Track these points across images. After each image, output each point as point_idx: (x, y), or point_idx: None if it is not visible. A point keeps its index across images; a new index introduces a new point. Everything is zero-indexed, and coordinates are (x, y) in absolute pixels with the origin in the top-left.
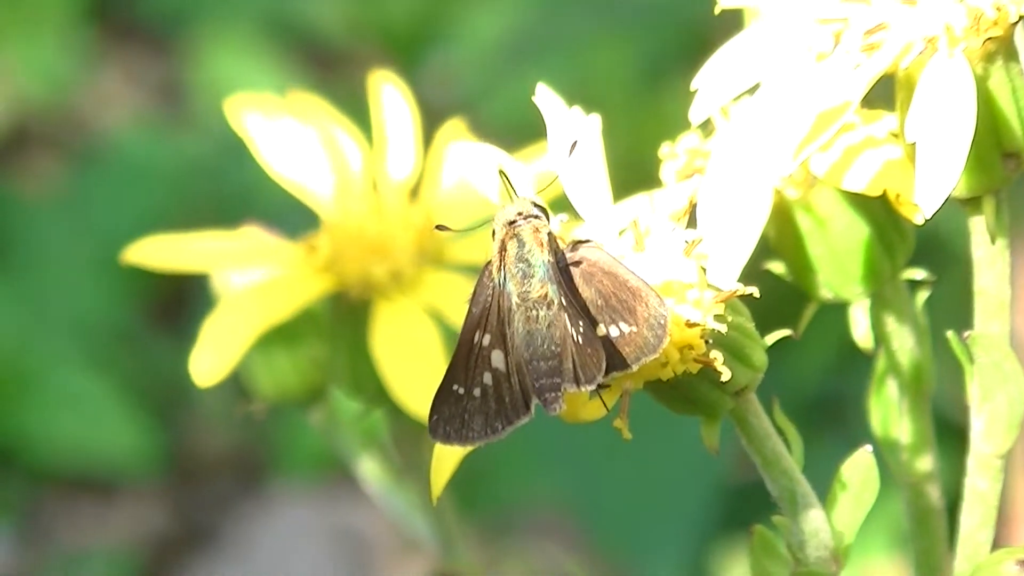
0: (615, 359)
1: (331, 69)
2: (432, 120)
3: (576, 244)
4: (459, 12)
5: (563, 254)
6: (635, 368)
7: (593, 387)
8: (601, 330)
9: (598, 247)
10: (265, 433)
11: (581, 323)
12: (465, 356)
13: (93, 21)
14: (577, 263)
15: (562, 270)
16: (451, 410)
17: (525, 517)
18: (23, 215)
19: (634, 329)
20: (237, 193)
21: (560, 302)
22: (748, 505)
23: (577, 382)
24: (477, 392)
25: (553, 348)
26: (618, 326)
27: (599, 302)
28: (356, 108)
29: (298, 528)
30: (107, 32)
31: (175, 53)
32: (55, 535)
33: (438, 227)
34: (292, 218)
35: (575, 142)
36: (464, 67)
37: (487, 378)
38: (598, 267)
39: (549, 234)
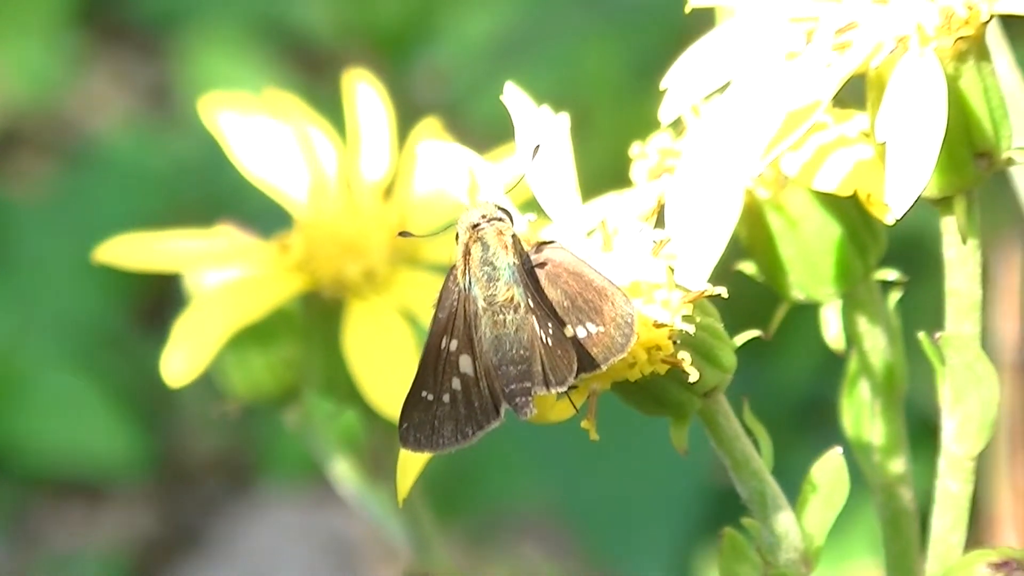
0: (584, 360)
1: (320, 70)
2: (417, 121)
3: (541, 245)
4: (448, 12)
5: (528, 256)
6: (604, 368)
7: (564, 389)
8: (568, 331)
9: (563, 248)
10: (252, 435)
11: (550, 324)
12: (433, 362)
13: (81, 23)
14: (542, 264)
15: (528, 272)
16: (421, 416)
17: (510, 519)
18: (11, 217)
19: (601, 329)
20: (228, 195)
21: (528, 304)
22: (733, 507)
23: (547, 384)
24: (446, 398)
25: (522, 352)
26: (585, 327)
27: (565, 303)
28: (338, 108)
29: (285, 531)
30: (96, 34)
31: (164, 55)
32: (43, 538)
33: (402, 234)
34: (280, 219)
35: (541, 142)
36: (453, 67)
37: (456, 383)
38: (563, 268)
39: (514, 236)
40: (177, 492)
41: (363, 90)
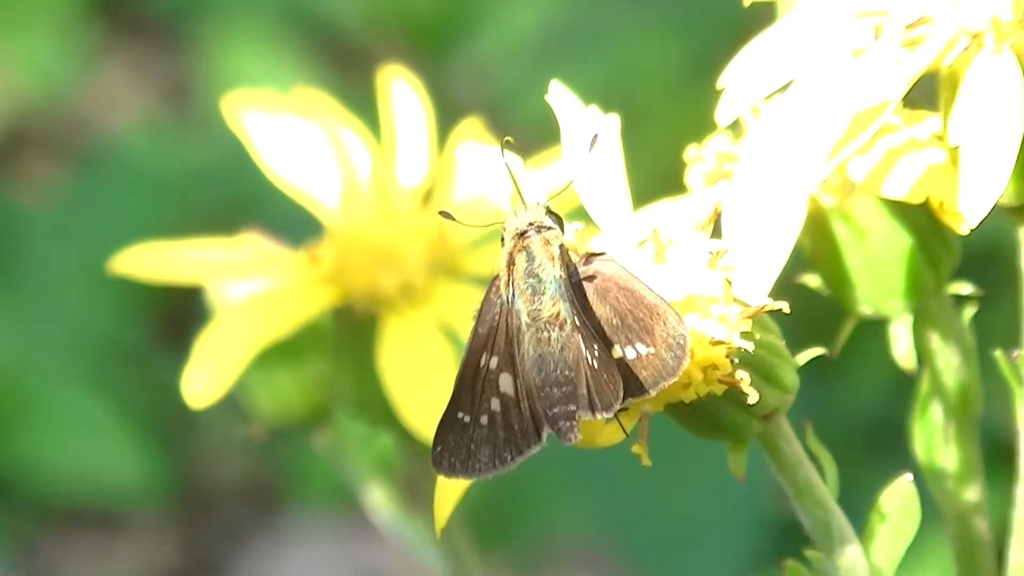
0: (632, 383)
1: (352, 66)
2: (458, 121)
3: (589, 257)
4: (490, 3)
5: (576, 268)
6: (653, 393)
7: (610, 415)
8: (617, 351)
9: (613, 260)
10: (278, 460)
11: (596, 346)
12: (471, 380)
13: (95, 15)
14: (591, 277)
15: (575, 286)
16: (456, 440)
17: (556, 549)
18: (20, 224)
19: (652, 351)
20: (252, 201)
21: (573, 323)
22: (795, 538)
23: (592, 409)
24: (484, 420)
25: (567, 373)
26: (635, 347)
27: (615, 321)
28: (373, 107)
29: (315, 563)
30: (110, 27)
31: (184, 50)
32: (54, 570)
33: (441, 213)
34: (309, 227)
35: (589, 145)
36: (495, 64)
37: (495, 404)
38: (613, 282)
39: (561, 247)
40: (198, 521)
41: (399, 87)
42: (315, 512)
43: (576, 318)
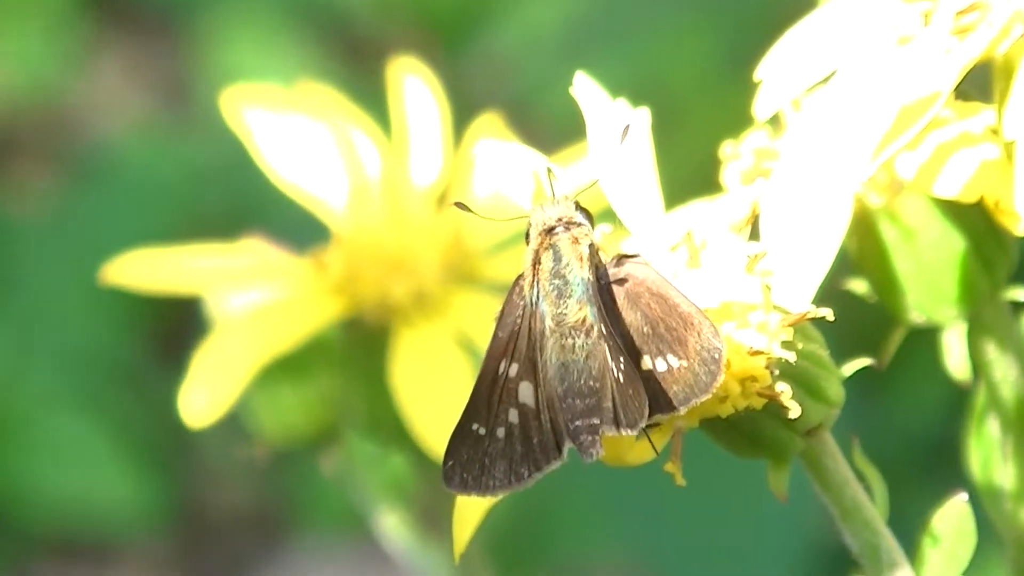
0: (661, 399)
1: (362, 59)
2: (477, 118)
3: (621, 259)
4: None
5: (606, 271)
6: (683, 411)
7: (635, 432)
8: (646, 363)
9: (647, 264)
10: (284, 484)
11: (622, 358)
12: (488, 389)
13: (86, 10)
14: (622, 281)
15: (604, 289)
16: (469, 454)
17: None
18: (9, 235)
19: (684, 364)
20: (256, 206)
21: (600, 329)
22: (842, 563)
23: (617, 425)
24: (501, 432)
25: (591, 384)
26: (666, 359)
27: (645, 329)
28: (385, 102)
29: None
30: (103, 23)
31: (181, 45)
32: None
33: (457, 204)
34: (316, 233)
35: (618, 141)
36: (516, 57)
37: (513, 416)
38: (645, 287)
39: (591, 246)
40: (199, 550)
41: (412, 82)
42: (323, 539)
43: (603, 325)
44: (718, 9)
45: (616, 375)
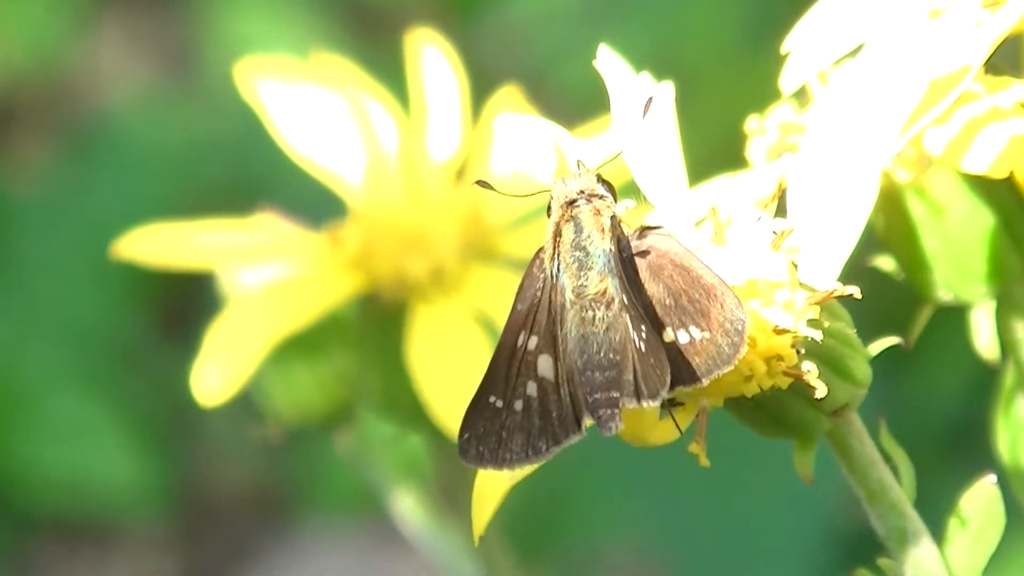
0: (683, 370)
1: (372, 29)
2: (491, 90)
3: (644, 230)
4: None
5: (628, 243)
6: (706, 382)
7: (656, 403)
8: (668, 335)
9: (670, 235)
10: (290, 465)
11: (644, 327)
12: (506, 362)
13: None
14: (644, 253)
15: (626, 261)
16: (486, 426)
17: (603, 560)
18: (8, 209)
19: (707, 335)
20: (262, 179)
21: (622, 300)
22: (867, 546)
23: (638, 396)
24: (518, 405)
25: (612, 356)
26: (688, 331)
27: (668, 301)
28: (400, 75)
29: None
30: None
31: (185, 13)
32: None
33: (478, 183)
34: (326, 207)
35: (642, 115)
36: (530, 27)
37: (531, 388)
38: (668, 259)
39: (613, 218)
40: (202, 533)
41: (430, 54)
42: (331, 522)
43: (624, 296)
44: None
45: (638, 344)
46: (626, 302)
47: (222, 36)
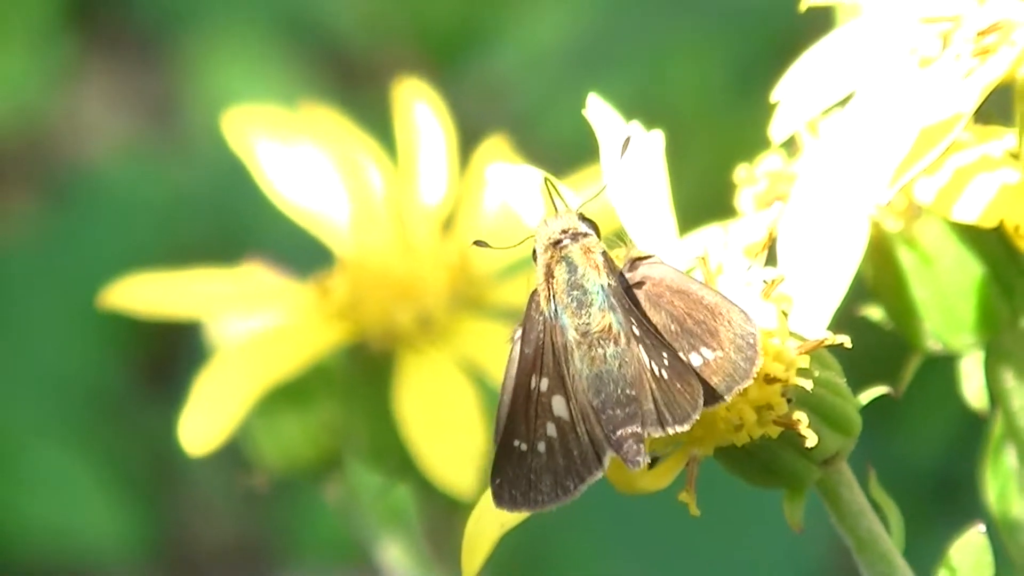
0: (704, 392)
1: (356, 80)
2: (478, 140)
3: (635, 261)
4: (510, 11)
5: (622, 275)
6: (728, 399)
7: (687, 427)
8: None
9: (661, 263)
10: (275, 515)
11: (665, 354)
12: (523, 405)
13: (71, 28)
14: (639, 284)
15: (626, 293)
16: (515, 471)
17: None
18: None
19: (720, 354)
20: (244, 230)
21: (632, 333)
22: None
23: (663, 424)
24: (542, 447)
25: (628, 392)
26: (700, 353)
27: (673, 327)
28: (385, 124)
29: None
30: (87, 41)
31: (167, 65)
32: None
33: (476, 243)
34: (310, 258)
35: (631, 164)
36: (517, 76)
37: (551, 429)
38: (665, 286)
39: (604, 253)
40: None
41: (418, 104)
42: (314, 573)
43: (635, 327)
44: (723, 30)
45: (659, 373)
46: (637, 333)
47: (204, 88)
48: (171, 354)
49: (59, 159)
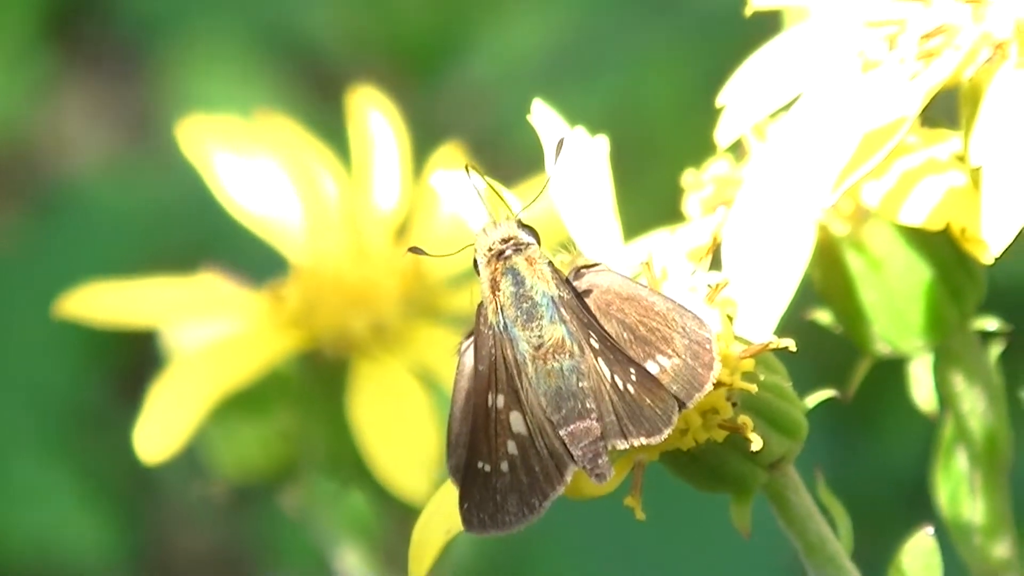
0: None
1: (334, 91)
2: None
3: (580, 270)
4: (485, 22)
5: (570, 285)
6: (691, 405)
7: (661, 439)
8: None
9: (607, 270)
10: (252, 525)
11: (633, 369)
12: (484, 424)
13: (51, 41)
14: (587, 292)
15: (576, 304)
16: (481, 493)
17: None
18: None
19: (676, 360)
20: (224, 240)
21: (590, 346)
22: None
23: (626, 436)
24: (504, 466)
25: (588, 405)
26: (656, 361)
27: (625, 336)
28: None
29: None
30: (68, 54)
31: (146, 79)
32: None
33: (412, 249)
34: (278, 265)
35: (576, 168)
36: (493, 86)
37: (511, 447)
38: (614, 293)
39: (550, 263)
40: None
41: (372, 112)
42: None
43: (595, 340)
44: (696, 40)
45: (622, 386)
46: (596, 347)
47: (181, 103)
48: (150, 365)
49: (40, 171)
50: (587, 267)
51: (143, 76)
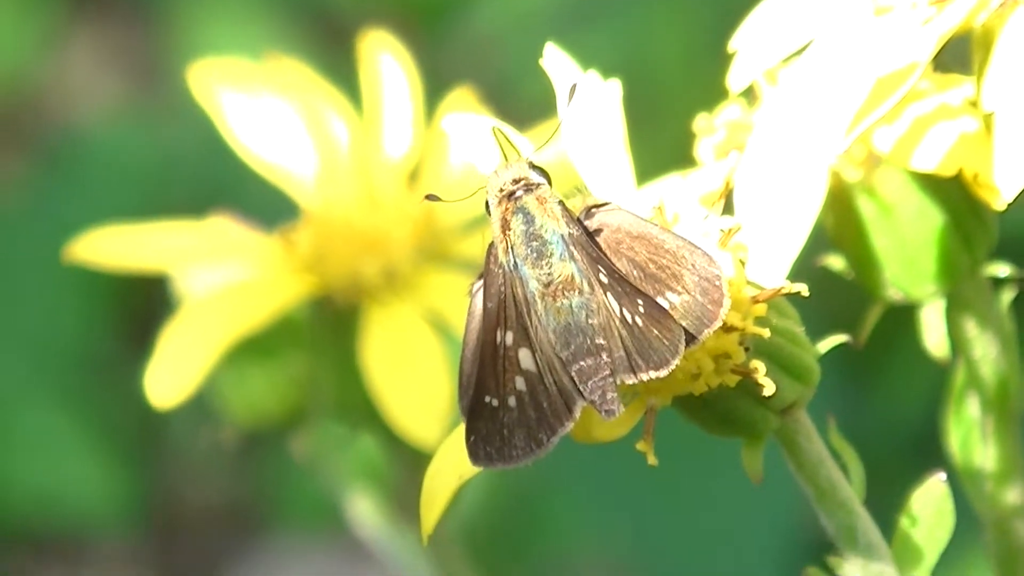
0: None
1: (342, 40)
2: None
3: (591, 209)
4: None
5: (580, 223)
6: (700, 340)
7: (665, 372)
8: None
9: (618, 208)
10: (262, 475)
11: (640, 300)
12: (491, 361)
13: None
14: (598, 231)
15: (588, 241)
16: (488, 426)
17: (570, 567)
18: None
19: (686, 297)
20: (234, 187)
21: (599, 281)
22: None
23: (635, 371)
24: (512, 401)
25: (598, 341)
26: (666, 298)
27: (635, 274)
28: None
29: None
30: (75, 3)
31: (154, 27)
32: None
33: (428, 197)
34: (289, 211)
35: (589, 112)
36: (501, 37)
37: (519, 383)
38: (624, 232)
39: (560, 202)
40: (173, 545)
41: (384, 56)
42: (301, 532)
43: (604, 275)
44: None
45: (631, 320)
46: (605, 281)
47: (190, 50)
48: (159, 314)
49: (47, 121)
50: (598, 206)
51: (152, 23)
